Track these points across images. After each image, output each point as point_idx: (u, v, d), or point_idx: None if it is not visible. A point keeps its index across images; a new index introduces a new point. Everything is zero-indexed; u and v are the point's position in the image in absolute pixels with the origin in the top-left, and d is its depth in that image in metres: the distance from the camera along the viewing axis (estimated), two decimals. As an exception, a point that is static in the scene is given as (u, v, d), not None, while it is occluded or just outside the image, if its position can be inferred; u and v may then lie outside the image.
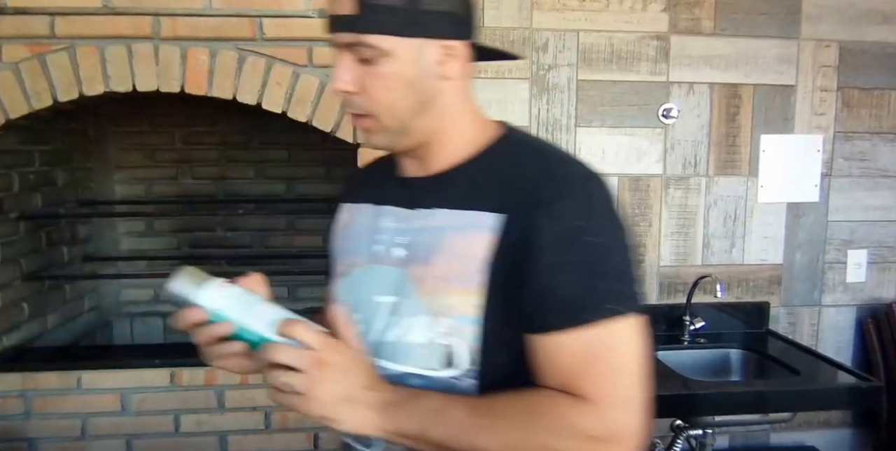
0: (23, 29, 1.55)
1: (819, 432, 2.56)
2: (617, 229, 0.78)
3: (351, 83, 0.79)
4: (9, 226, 1.82)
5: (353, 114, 0.83)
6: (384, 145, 0.86)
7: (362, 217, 0.94)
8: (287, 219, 2.36)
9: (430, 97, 0.82)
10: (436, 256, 0.81)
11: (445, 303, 0.79)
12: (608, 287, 0.75)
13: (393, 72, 0.79)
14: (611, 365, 0.73)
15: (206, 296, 0.73)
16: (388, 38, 0.77)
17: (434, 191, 0.85)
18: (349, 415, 0.72)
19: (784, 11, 2.37)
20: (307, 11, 1.58)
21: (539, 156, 0.84)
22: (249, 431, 1.69)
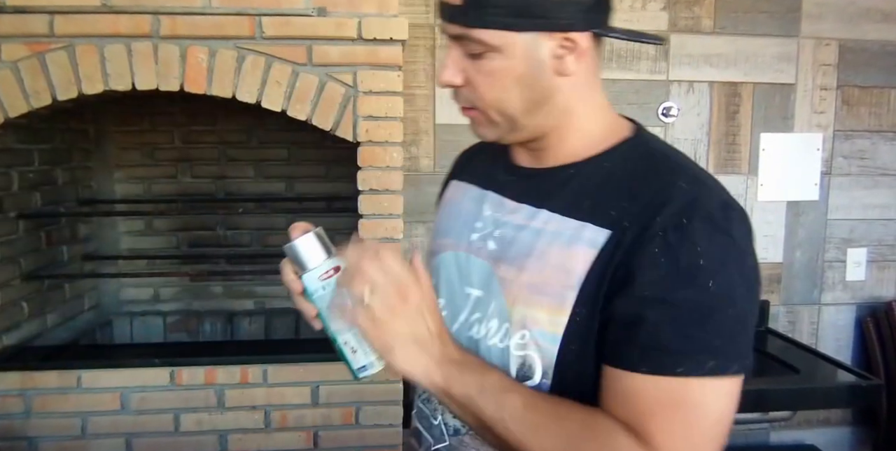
0: (22, 28, 1.54)
1: (819, 430, 2.56)
2: (746, 277, 0.68)
3: (457, 76, 0.75)
4: (8, 225, 1.82)
5: (462, 106, 0.79)
6: (492, 139, 0.80)
7: (466, 199, 0.90)
8: (287, 218, 2.35)
9: (544, 95, 0.75)
10: (529, 261, 0.75)
11: (530, 315, 0.73)
12: (706, 341, 0.65)
13: (501, 68, 0.73)
14: (687, 421, 0.65)
15: (309, 278, 0.74)
16: (496, 33, 0.71)
17: (544, 188, 0.79)
18: (410, 355, 0.68)
19: (784, 10, 2.37)
20: (306, 10, 1.58)
21: (670, 169, 0.74)
22: (249, 430, 1.69)
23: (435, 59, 2.23)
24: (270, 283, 2.36)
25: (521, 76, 0.73)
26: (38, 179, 1.94)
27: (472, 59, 0.74)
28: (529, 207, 0.78)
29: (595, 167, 0.76)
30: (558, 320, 0.70)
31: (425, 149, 2.27)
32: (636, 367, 0.65)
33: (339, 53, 1.60)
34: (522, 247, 0.76)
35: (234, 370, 1.68)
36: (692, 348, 0.64)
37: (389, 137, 1.63)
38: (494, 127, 0.78)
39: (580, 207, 0.73)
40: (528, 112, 0.76)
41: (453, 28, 0.73)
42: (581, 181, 0.76)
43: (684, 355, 0.64)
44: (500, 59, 0.72)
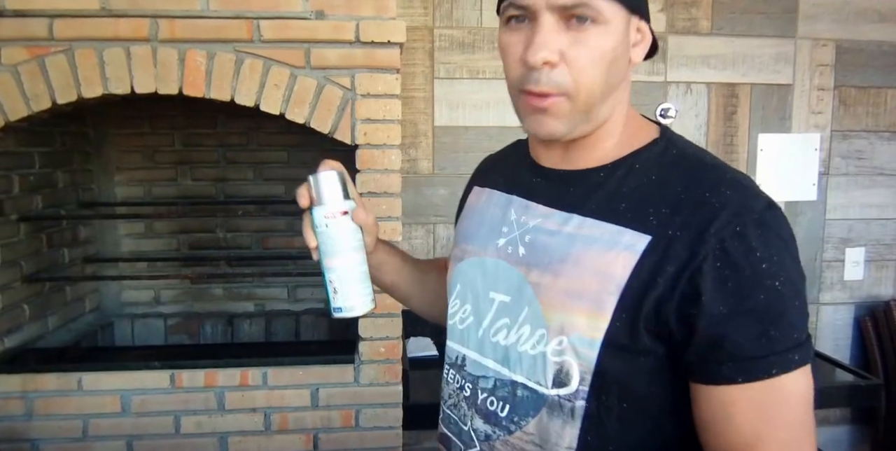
0: (21, 31, 1.55)
1: (818, 429, 2.56)
2: (797, 269, 0.69)
3: (554, 54, 0.69)
4: (9, 228, 1.82)
5: (533, 94, 0.72)
6: (560, 133, 0.74)
7: (490, 204, 0.88)
8: (286, 220, 2.36)
9: (619, 81, 0.74)
10: (565, 267, 0.73)
11: (569, 321, 0.72)
12: (786, 337, 0.67)
13: (602, 43, 0.69)
14: (787, 420, 0.67)
15: (317, 212, 0.81)
16: (611, 4, 0.69)
17: (576, 191, 0.77)
18: None
19: (781, 11, 2.38)
20: (304, 13, 1.59)
21: (707, 173, 0.73)
22: (249, 432, 1.70)
23: (433, 61, 2.24)
24: (271, 285, 2.36)
25: (615, 57, 0.71)
26: (38, 182, 1.95)
27: (573, 32, 0.69)
28: (560, 211, 0.77)
29: (626, 170, 0.75)
30: (598, 325, 0.69)
31: (424, 151, 2.27)
32: (724, 379, 0.66)
33: (336, 56, 1.60)
34: (556, 252, 0.75)
35: (234, 373, 1.68)
36: (778, 349, 0.66)
37: (388, 139, 1.64)
38: (570, 117, 0.73)
39: (616, 212, 0.72)
40: (605, 98, 0.73)
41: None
42: (614, 184, 0.74)
43: (774, 355, 0.66)
44: (604, 34, 0.69)
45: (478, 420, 0.80)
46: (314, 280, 2.35)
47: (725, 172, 0.73)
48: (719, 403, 0.67)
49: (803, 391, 0.67)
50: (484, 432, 0.80)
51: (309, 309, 2.36)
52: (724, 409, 0.67)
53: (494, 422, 0.77)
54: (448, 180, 2.25)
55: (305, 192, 0.81)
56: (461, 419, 0.83)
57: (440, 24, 2.24)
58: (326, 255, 0.82)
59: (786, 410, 0.67)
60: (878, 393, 2.01)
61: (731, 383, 0.66)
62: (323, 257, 0.83)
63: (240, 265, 2.33)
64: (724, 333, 0.66)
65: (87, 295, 2.22)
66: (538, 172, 0.82)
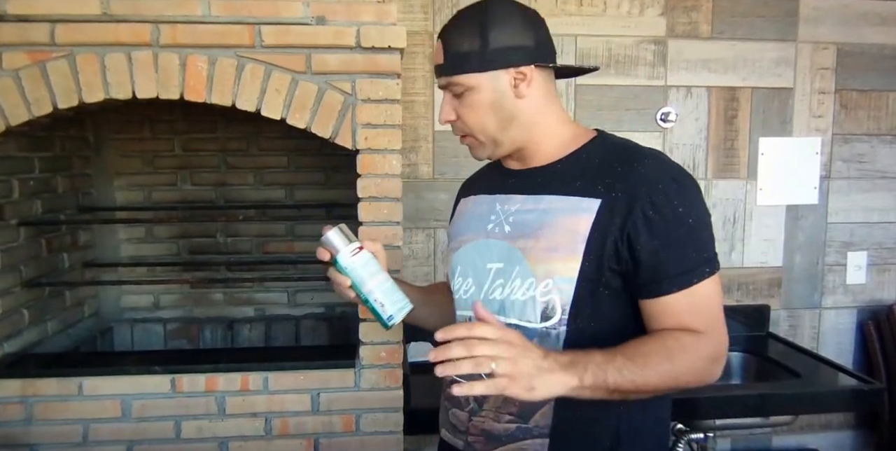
0: (23, 36, 1.55)
1: (821, 434, 2.56)
2: (703, 209, 1.00)
3: (451, 114, 1.06)
4: (9, 233, 1.82)
5: (459, 135, 1.10)
6: (486, 156, 1.10)
7: (477, 205, 1.16)
8: (287, 225, 2.36)
9: (511, 114, 1.05)
10: (542, 231, 1.01)
11: (552, 268, 0.99)
12: (703, 256, 0.98)
13: (477, 100, 1.03)
14: (709, 308, 0.98)
15: (342, 256, 1.06)
16: (468, 76, 1.02)
17: (542, 180, 1.06)
18: (546, 384, 0.87)
19: (781, 14, 2.38)
20: (305, 19, 1.59)
21: (633, 153, 1.04)
22: (250, 437, 1.69)
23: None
24: (271, 290, 2.36)
25: (491, 104, 1.04)
26: (38, 186, 1.95)
27: (458, 99, 1.05)
28: (533, 195, 1.06)
29: (576, 159, 1.06)
30: (573, 266, 0.98)
31: (424, 156, 2.28)
32: (668, 291, 0.96)
33: (337, 62, 1.60)
34: (534, 223, 1.03)
35: (234, 377, 1.68)
36: (697, 263, 0.97)
37: (388, 144, 1.63)
38: (483, 147, 1.08)
39: (574, 188, 1.02)
40: (503, 129, 1.05)
41: (441, 80, 1.06)
42: (568, 170, 1.05)
43: (695, 268, 0.97)
44: (476, 95, 1.03)
45: (476, 418, 1.06)
46: (314, 285, 2.35)
47: (646, 150, 1.05)
48: (663, 309, 0.97)
49: (716, 289, 0.99)
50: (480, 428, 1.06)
51: (309, 314, 2.36)
52: (668, 310, 0.97)
53: None
54: (448, 185, 2.25)
55: (324, 250, 1.07)
56: (460, 423, 1.08)
57: (440, 28, 2.24)
58: (362, 284, 1.05)
59: (708, 302, 0.98)
60: (881, 398, 2.01)
61: (669, 293, 0.97)
62: (360, 288, 1.05)
63: (240, 270, 2.33)
64: (660, 259, 0.96)
65: (87, 300, 2.21)
66: (510, 175, 1.13)
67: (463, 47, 1.02)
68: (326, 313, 2.37)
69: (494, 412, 1.05)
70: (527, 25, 1.03)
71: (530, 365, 0.85)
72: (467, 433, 1.09)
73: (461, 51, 1.02)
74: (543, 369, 0.86)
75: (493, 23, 1.01)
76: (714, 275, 0.98)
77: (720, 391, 1.99)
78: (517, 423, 1.03)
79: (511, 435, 1.03)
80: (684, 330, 0.96)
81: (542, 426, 1.02)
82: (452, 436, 1.14)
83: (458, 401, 1.11)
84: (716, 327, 0.98)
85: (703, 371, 0.97)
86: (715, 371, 0.97)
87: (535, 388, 0.85)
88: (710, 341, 0.96)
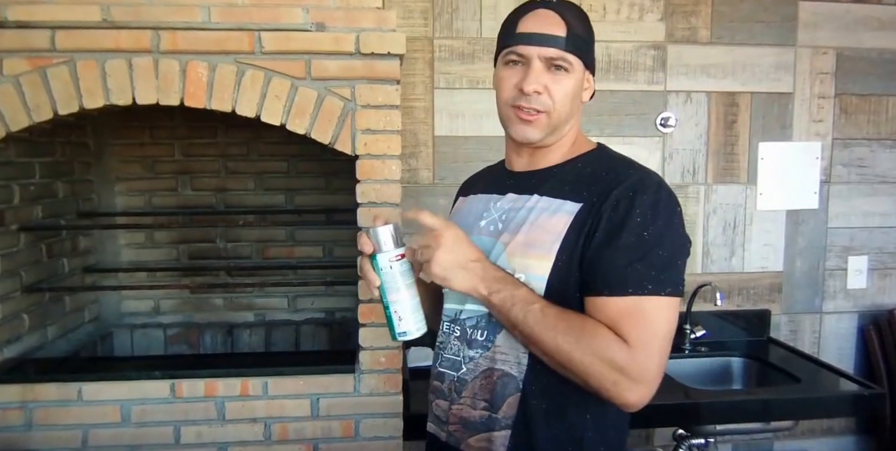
0: (23, 43, 1.56)
1: (822, 439, 2.55)
2: (670, 231, 0.99)
3: (541, 85, 1.05)
4: (9, 238, 1.83)
5: (525, 109, 1.06)
6: (536, 138, 1.09)
7: (474, 203, 1.20)
8: (287, 230, 2.36)
9: (575, 111, 1.10)
10: (524, 227, 1.05)
11: (525, 263, 1.02)
12: (648, 272, 0.95)
13: (569, 84, 1.06)
14: (643, 324, 0.94)
15: (383, 257, 1.03)
16: (577, 60, 1.06)
17: (535, 183, 1.10)
18: (459, 278, 0.98)
19: (780, 19, 2.39)
20: (305, 25, 1.59)
21: (622, 166, 1.07)
22: (249, 442, 1.69)
23: (433, 71, 2.25)
24: (271, 295, 2.36)
25: (574, 93, 1.08)
26: (39, 192, 1.95)
27: (551, 74, 1.06)
28: (525, 195, 1.10)
29: (571, 167, 1.10)
30: (545, 264, 1.01)
31: (424, 161, 2.28)
32: (601, 292, 0.97)
33: (337, 68, 1.61)
34: (519, 219, 1.07)
35: (234, 383, 1.68)
36: (637, 277, 0.95)
37: (388, 150, 1.64)
38: (543, 128, 1.08)
39: (562, 191, 1.06)
40: (566, 120, 1.09)
41: (552, 52, 1.04)
42: (561, 175, 1.09)
43: (633, 280, 0.95)
44: (571, 79, 1.07)
45: (466, 350, 1.10)
46: (314, 290, 2.35)
47: (635, 164, 1.08)
48: (594, 309, 0.97)
49: (660, 312, 0.95)
50: (470, 356, 1.09)
51: (309, 319, 2.36)
52: (601, 312, 0.96)
53: (476, 346, 1.07)
54: (448, 190, 2.25)
55: (368, 240, 1.04)
56: (455, 353, 1.12)
57: (440, 34, 2.25)
58: (390, 291, 1.03)
59: (644, 318, 0.94)
60: (882, 403, 2.00)
61: (601, 294, 0.97)
62: (386, 293, 1.03)
63: (240, 275, 2.33)
64: (600, 257, 0.97)
65: (87, 305, 2.21)
66: (510, 176, 1.17)
67: (581, 32, 1.06)
68: (326, 319, 2.37)
69: (471, 398, 1.08)
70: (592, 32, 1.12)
71: (451, 258, 0.97)
72: (448, 423, 1.12)
73: (580, 34, 1.06)
74: (465, 268, 0.98)
75: (591, 27, 1.11)
76: (659, 297, 0.95)
77: (721, 397, 1.98)
78: (489, 412, 1.05)
79: (483, 423, 1.06)
80: (614, 332, 0.94)
81: (509, 416, 1.04)
82: (437, 428, 1.16)
83: (441, 391, 1.14)
84: (643, 347, 0.93)
85: (606, 375, 0.93)
86: (624, 390, 0.93)
87: (447, 279, 0.98)
88: (629, 354, 0.92)
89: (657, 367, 0.94)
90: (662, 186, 1.02)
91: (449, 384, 1.12)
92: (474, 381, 1.08)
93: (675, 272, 0.98)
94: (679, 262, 0.99)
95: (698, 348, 2.33)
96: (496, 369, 1.05)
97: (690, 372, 2.24)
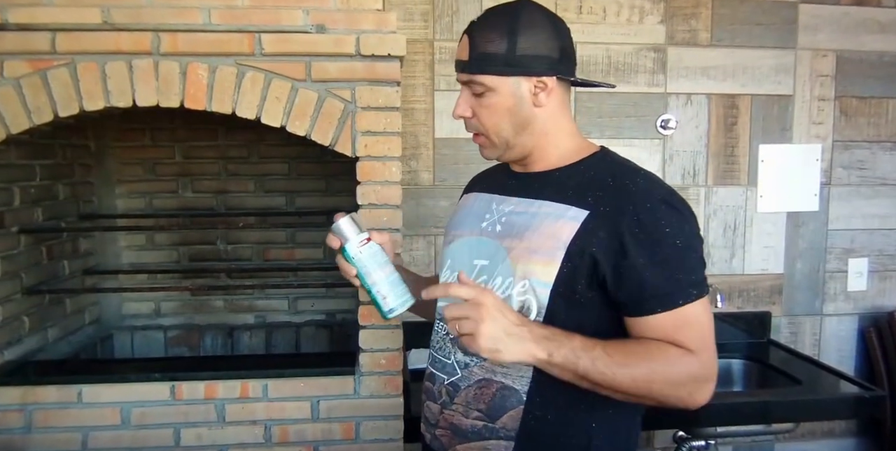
0: (24, 45, 1.56)
1: (823, 441, 2.55)
2: (692, 231, 1.00)
3: (467, 111, 1.07)
4: (10, 240, 1.83)
5: (472, 133, 1.10)
6: (494, 157, 1.12)
7: (476, 201, 1.19)
8: (287, 232, 2.36)
9: (527, 121, 1.06)
10: (528, 233, 1.03)
11: (530, 269, 1.01)
12: (689, 278, 0.97)
13: (495, 102, 1.04)
14: (697, 328, 0.96)
15: (351, 246, 1.07)
16: (491, 78, 1.03)
17: (537, 186, 1.08)
18: (510, 347, 0.91)
19: (780, 21, 2.39)
20: (305, 27, 1.60)
21: (629, 173, 1.04)
22: (249, 445, 1.69)
23: (434, 73, 2.25)
24: (271, 297, 2.36)
25: (509, 108, 1.05)
26: (39, 194, 1.95)
27: (477, 97, 1.05)
28: (527, 199, 1.08)
29: (574, 170, 1.08)
30: (550, 271, 0.99)
31: (424, 163, 2.28)
32: (654, 310, 0.95)
33: (337, 69, 1.61)
34: (523, 224, 1.05)
35: (234, 385, 1.68)
36: (683, 286, 0.96)
37: (388, 151, 1.64)
38: (494, 148, 1.09)
39: (565, 196, 1.04)
40: (517, 134, 1.07)
41: (463, 76, 1.05)
42: (564, 179, 1.07)
43: (680, 291, 0.95)
44: (495, 97, 1.04)
45: (459, 353, 1.08)
46: (314, 292, 2.35)
47: (641, 171, 1.06)
48: (648, 328, 0.96)
49: (705, 312, 0.98)
50: (464, 362, 1.07)
51: (309, 321, 2.36)
52: (653, 331, 0.96)
53: (472, 353, 1.01)
54: (449, 192, 2.25)
55: (333, 237, 1.07)
56: (446, 356, 1.10)
57: (440, 36, 2.25)
58: (367, 275, 1.05)
59: (696, 323, 0.96)
60: (882, 405, 2.00)
61: (654, 313, 0.96)
62: (364, 279, 1.06)
63: (240, 277, 2.33)
64: (644, 278, 0.95)
65: (88, 307, 2.21)
66: (512, 176, 1.15)
67: (490, 48, 1.01)
68: (327, 321, 2.36)
69: (464, 406, 1.06)
70: (554, 36, 1.03)
71: (497, 328, 0.90)
72: (436, 426, 1.11)
73: (488, 51, 1.01)
74: (512, 335, 0.90)
75: (523, 28, 1.01)
76: (702, 298, 0.97)
77: (721, 399, 1.98)
78: (484, 421, 1.04)
79: (477, 432, 1.04)
80: (673, 344, 0.95)
81: (510, 428, 1.02)
82: (425, 429, 1.15)
83: (431, 394, 1.13)
84: (705, 349, 0.96)
85: (683, 389, 0.95)
86: (699, 395, 0.95)
87: (498, 351, 0.90)
88: (697, 361, 0.95)
89: (716, 363, 0.97)
90: (673, 191, 1.02)
91: (440, 386, 1.11)
92: (468, 389, 1.06)
93: (704, 269, 1.01)
94: (702, 258, 1.02)
95: (699, 351, 2.32)
96: (495, 381, 1.03)
97: (691, 374, 2.23)
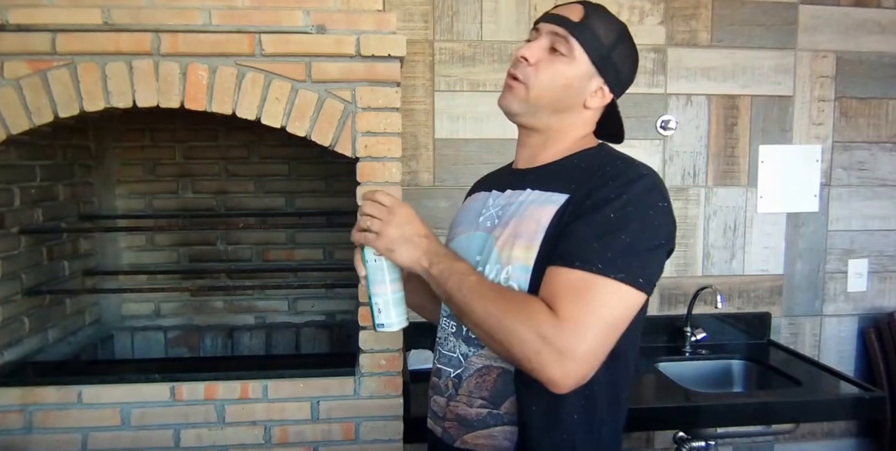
0: (24, 46, 1.56)
1: (822, 442, 2.55)
2: (640, 220, 0.96)
3: (533, 57, 1.06)
4: (10, 241, 1.83)
5: (512, 76, 1.08)
6: (510, 106, 1.10)
7: (475, 201, 1.21)
8: (287, 233, 2.36)
9: (567, 107, 1.08)
10: (514, 220, 1.05)
11: (512, 254, 1.02)
12: (603, 253, 0.92)
13: (564, 70, 1.05)
14: (582, 301, 0.91)
15: (368, 250, 1.06)
16: (583, 52, 1.05)
17: (531, 178, 1.10)
18: (405, 251, 1.01)
19: (780, 22, 2.39)
20: (305, 27, 1.60)
21: (616, 161, 1.05)
22: (249, 445, 1.69)
23: (434, 74, 2.25)
24: (271, 297, 2.36)
25: (567, 85, 1.06)
26: (39, 194, 1.95)
27: (551, 53, 1.06)
28: (518, 190, 1.11)
29: (567, 163, 1.10)
30: (530, 255, 1.00)
31: (424, 163, 2.28)
32: (554, 262, 0.95)
33: (337, 70, 1.61)
34: (512, 212, 1.07)
35: (234, 386, 1.68)
36: (589, 253, 0.93)
37: (388, 152, 1.64)
38: (520, 100, 1.08)
39: (553, 184, 1.06)
40: (547, 109, 1.08)
41: (561, 30, 1.05)
42: (555, 170, 1.09)
43: (584, 256, 0.93)
44: (568, 65, 1.05)
45: (462, 346, 1.10)
46: (314, 293, 2.35)
47: (628, 158, 1.06)
48: (547, 277, 0.95)
49: (610, 297, 0.92)
50: (465, 353, 1.09)
51: (309, 321, 2.36)
52: (548, 282, 0.95)
53: (471, 343, 1.08)
54: (449, 192, 2.25)
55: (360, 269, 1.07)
56: (451, 350, 1.13)
57: (440, 37, 2.25)
58: (374, 283, 1.06)
59: (589, 297, 0.91)
60: (882, 405, 2.00)
61: (553, 264, 0.95)
62: (370, 285, 1.06)
63: (240, 278, 2.33)
64: (568, 233, 0.96)
65: (88, 308, 2.21)
66: (512, 174, 1.17)
67: (598, 30, 1.05)
68: (327, 321, 2.36)
69: (468, 396, 1.08)
70: (634, 66, 1.11)
71: (399, 233, 1.01)
72: (444, 419, 1.12)
73: (596, 32, 1.05)
74: (410, 242, 1.01)
75: (625, 43, 1.08)
76: (607, 279, 0.91)
77: (721, 399, 1.98)
78: (489, 409, 1.05)
79: (482, 421, 1.06)
80: (546, 303, 0.92)
81: (513, 413, 1.03)
82: (433, 423, 1.17)
83: (438, 388, 1.15)
84: (572, 320, 0.89)
85: (528, 346, 0.90)
86: (548, 364, 0.89)
87: (393, 251, 1.01)
88: (555, 326, 0.89)
89: (588, 347, 0.89)
90: (647, 178, 0.99)
91: (446, 380, 1.13)
92: (470, 378, 1.08)
93: (635, 261, 0.93)
94: (644, 253, 0.94)
95: (699, 351, 2.33)
96: (494, 366, 1.05)
97: (691, 375, 2.23)
